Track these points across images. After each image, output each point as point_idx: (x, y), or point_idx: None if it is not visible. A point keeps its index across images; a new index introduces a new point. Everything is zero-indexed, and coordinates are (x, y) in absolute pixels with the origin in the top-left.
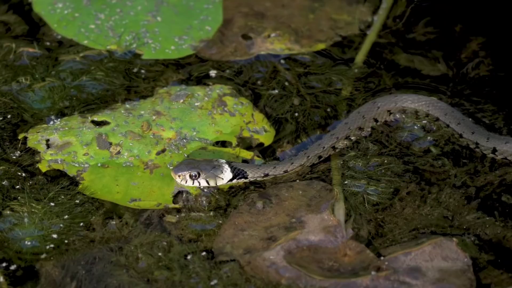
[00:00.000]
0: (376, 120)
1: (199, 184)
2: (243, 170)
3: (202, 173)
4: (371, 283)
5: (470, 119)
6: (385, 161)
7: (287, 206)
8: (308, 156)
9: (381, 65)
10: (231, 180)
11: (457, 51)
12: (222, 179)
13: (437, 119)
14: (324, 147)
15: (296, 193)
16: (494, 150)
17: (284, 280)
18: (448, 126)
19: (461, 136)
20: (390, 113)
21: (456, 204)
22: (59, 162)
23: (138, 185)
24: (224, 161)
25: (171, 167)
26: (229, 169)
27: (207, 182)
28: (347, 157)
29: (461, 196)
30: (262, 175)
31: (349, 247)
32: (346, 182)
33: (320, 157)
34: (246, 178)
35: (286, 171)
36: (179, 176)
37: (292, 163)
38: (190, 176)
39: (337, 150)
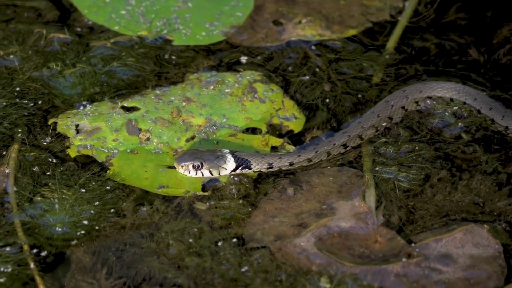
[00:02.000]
0: (390, 119)
1: (202, 175)
2: (247, 160)
3: (205, 164)
4: (401, 270)
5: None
6: (416, 148)
7: (318, 193)
8: (317, 151)
9: (412, 51)
10: (234, 170)
11: (488, 37)
12: (225, 169)
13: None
14: (334, 144)
15: (327, 179)
16: None
17: (315, 266)
18: (479, 112)
19: (493, 121)
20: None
21: (487, 191)
22: (88, 148)
23: (167, 172)
24: (227, 151)
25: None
26: (232, 159)
27: (210, 173)
28: (378, 143)
29: (492, 182)
30: (267, 165)
31: (380, 234)
32: (377, 168)
33: (329, 153)
34: (250, 168)
35: (291, 164)
36: (182, 166)
37: (299, 156)
38: (193, 167)
39: (347, 148)
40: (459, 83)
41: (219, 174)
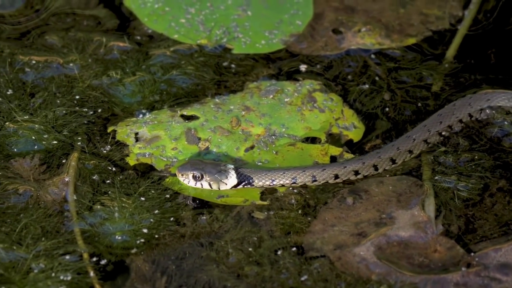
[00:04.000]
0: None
1: (202, 186)
2: (249, 177)
3: (205, 176)
4: (461, 279)
5: None
6: (476, 157)
7: (377, 202)
8: (324, 169)
9: (471, 60)
10: (235, 186)
11: None
12: (226, 184)
13: None
14: (345, 166)
15: (386, 188)
16: None
17: (374, 276)
18: None
19: None
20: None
21: None
22: (147, 156)
23: None
24: (232, 166)
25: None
26: (235, 175)
27: (210, 186)
28: (437, 153)
29: None
30: (269, 182)
31: (439, 243)
32: (436, 177)
33: (337, 176)
34: (252, 185)
35: (294, 181)
36: (182, 174)
37: (303, 172)
38: (194, 177)
39: (358, 176)
40: None
41: (219, 188)
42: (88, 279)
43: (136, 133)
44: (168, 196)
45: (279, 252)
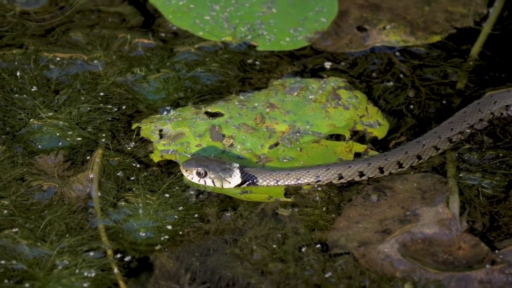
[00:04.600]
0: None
1: (205, 183)
2: (253, 176)
3: (209, 173)
4: (485, 277)
5: None
6: (500, 154)
7: (402, 199)
8: (328, 169)
9: (496, 57)
10: (239, 185)
11: None
12: (229, 183)
13: None
14: (350, 166)
15: (411, 185)
16: None
17: (399, 273)
18: None
19: None
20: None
21: None
22: (171, 153)
23: None
24: (237, 165)
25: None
26: (239, 174)
27: (213, 183)
28: (462, 150)
29: None
30: (273, 182)
31: (463, 240)
32: (461, 174)
33: (341, 176)
34: (256, 184)
35: (297, 181)
36: (186, 170)
37: (307, 172)
38: (197, 173)
39: (362, 177)
40: None
41: (222, 186)
42: (112, 275)
43: (161, 130)
44: (192, 192)
45: (303, 249)
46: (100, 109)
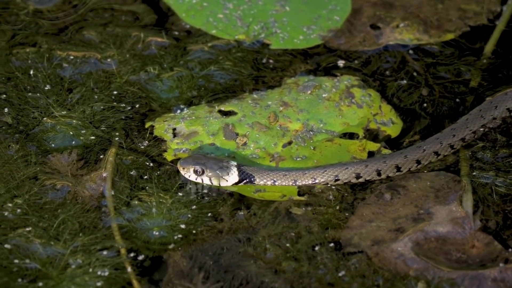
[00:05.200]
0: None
1: (202, 181)
2: (251, 175)
3: (206, 171)
4: (499, 275)
5: None
6: None
7: (415, 197)
8: (325, 170)
9: (510, 55)
10: (236, 183)
11: None
12: (227, 181)
13: None
14: (347, 168)
15: (424, 184)
16: None
17: (412, 271)
18: None
19: None
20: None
21: None
22: (185, 151)
23: None
24: (235, 163)
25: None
26: (236, 172)
27: (211, 181)
28: (475, 148)
29: None
30: (270, 182)
31: (477, 239)
32: (474, 173)
33: (337, 179)
34: (253, 183)
35: (295, 181)
36: (183, 168)
37: (304, 173)
38: (195, 171)
39: (359, 180)
40: None
41: (219, 185)
42: (125, 274)
43: (174, 129)
44: (205, 191)
45: (316, 248)
46: (113, 107)
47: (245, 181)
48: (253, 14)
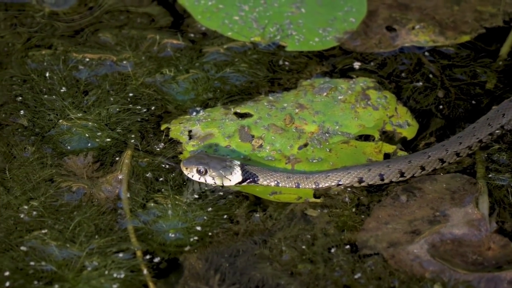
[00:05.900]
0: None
1: (205, 181)
2: (255, 175)
3: (209, 171)
4: None
5: None
6: None
7: (431, 199)
8: (328, 175)
9: None
10: (240, 183)
11: None
12: (230, 180)
13: None
14: (349, 172)
15: (440, 186)
16: None
17: (428, 273)
18: None
19: None
20: None
21: None
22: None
23: None
24: (238, 162)
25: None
26: (240, 172)
27: (214, 181)
28: (491, 150)
29: None
30: (273, 183)
31: (493, 241)
32: (490, 175)
33: (339, 183)
34: (256, 183)
35: (298, 185)
36: (186, 168)
37: (307, 177)
38: (198, 171)
39: (362, 184)
40: None
41: (223, 184)
42: (141, 277)
43: (190, 131)
44: (221, 193)
45: (332, 250)
46: (129, 110)
47: (248, 180)
48: (269, 16)
